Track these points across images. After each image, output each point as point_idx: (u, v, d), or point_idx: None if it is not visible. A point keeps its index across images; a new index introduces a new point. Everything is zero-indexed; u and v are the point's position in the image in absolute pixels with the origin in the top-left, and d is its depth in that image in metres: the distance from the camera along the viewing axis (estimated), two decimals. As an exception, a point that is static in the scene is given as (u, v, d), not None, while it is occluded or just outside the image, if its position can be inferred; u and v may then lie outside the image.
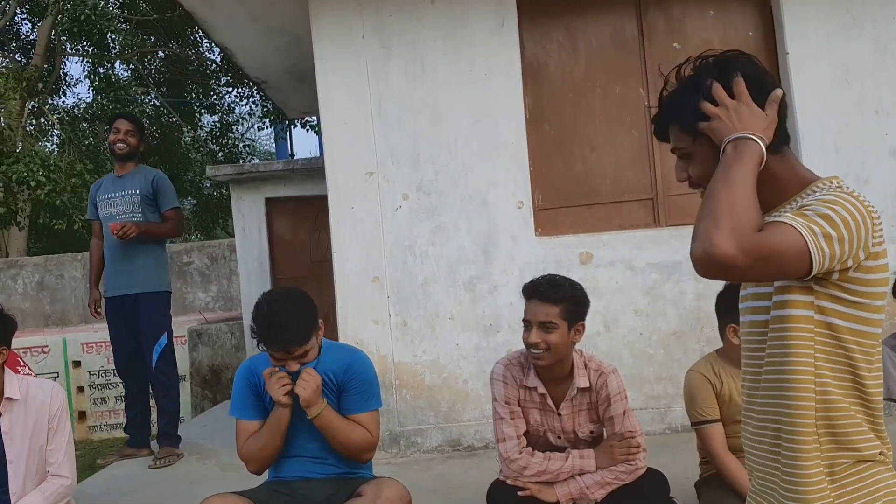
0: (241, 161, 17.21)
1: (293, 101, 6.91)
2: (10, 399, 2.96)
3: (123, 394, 4.89)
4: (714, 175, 1.36)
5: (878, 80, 4.35)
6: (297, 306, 2.63)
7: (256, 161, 18.58)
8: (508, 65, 4.38)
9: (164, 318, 4.67)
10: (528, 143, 4.40)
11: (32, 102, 13.29)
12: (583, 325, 2.76)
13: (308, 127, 15.57)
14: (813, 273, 1.27)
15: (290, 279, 8.26)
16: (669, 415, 4.31)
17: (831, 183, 1.39)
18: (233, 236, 15.26)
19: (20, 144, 12.42)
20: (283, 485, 2.88)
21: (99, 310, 4.75)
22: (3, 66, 14.22)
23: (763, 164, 1.37)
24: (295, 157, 14.47)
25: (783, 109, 1.43)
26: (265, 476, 2.95)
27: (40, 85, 13.72)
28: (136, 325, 4.60)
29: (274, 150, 20.92)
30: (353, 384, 2.77)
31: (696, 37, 4.51)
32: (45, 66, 14.76)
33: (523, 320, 2.78)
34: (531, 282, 2.79)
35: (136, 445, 4.75)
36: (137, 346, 4.64)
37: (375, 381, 2.84)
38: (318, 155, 16.22)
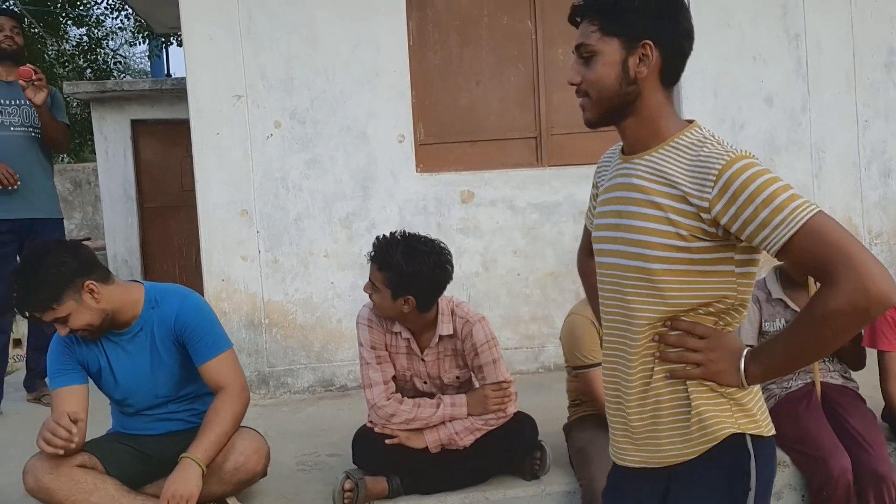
0: (112, 79, 15.90)
1: (159, 14, 6.28)
2: None
3: None
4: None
5: (758, 25, 4.38)
6: (38, 265, 2.36)
7: (127, 79, 17.26)
8: (392, -15, 4.09)
9: None
10: (411, 73, 4.16)
11: None
12: (412, 300, 2.52)
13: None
14: None
15: (159, 208, 7.74)
16: (543, 354, 4.33)
17: (701, 132, 1.42)
18: (100, 160, 14.18)
19: None
20: (128, 437, 2.66)
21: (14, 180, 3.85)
22: None
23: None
24: (170, 77, 13.47)
25: (683, 40, 1.42)
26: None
27: None
28: None
29: (149, 69, 19.50)
30: (189, 333, 2.51)
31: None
32: None
33: None
34: (382, 235, 2.60)
35: None
36: None
37: (214, 322, 2.58)
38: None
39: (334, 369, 4.20)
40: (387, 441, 2.64)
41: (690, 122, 1.45)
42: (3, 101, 3.99)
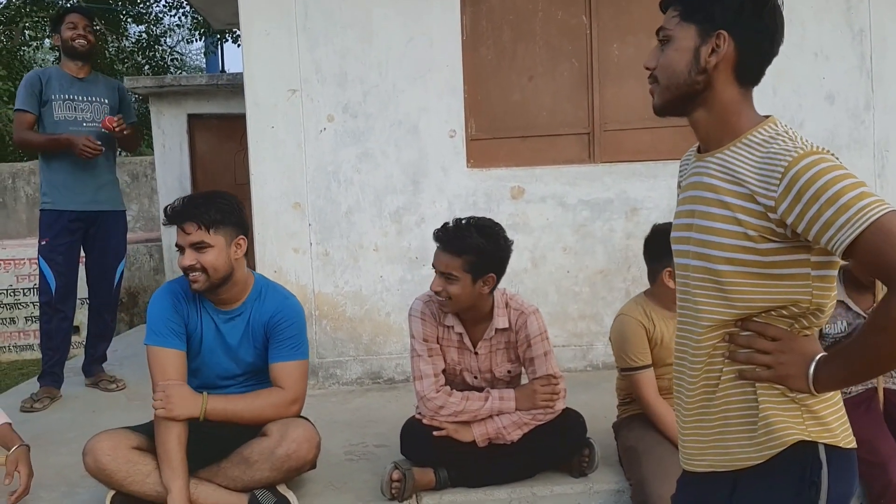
0: (170, 75, 16.32)
1: (217, 11, 6.41)
2: None
3: (48, 320, 4.15)
4: None
5: (820, 21, 4.26)
6: (215, 195, 2.56)
7: (184, 75, 17.67)
8: (446, -20, 4.10)
9: (125, 239, 4.39)
10: (464, 67, 4.16)
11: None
12: (492, 277, 2.58)
13: (239, 41, 14.80)
14: None
15: (213, 201, 7.91)
16: (591, 352, 4.30)
17: (776, 128, 1.37)
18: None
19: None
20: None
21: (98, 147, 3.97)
22: None
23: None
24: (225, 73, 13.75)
25: (763, 39, 1.38)
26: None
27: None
28: (101, 245, 4.24)
29: (204, 66, 19.95)
30: (279, 331, 2.59)
31: (643, -36, 4.30)
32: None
33: (432, 264, 2.63)
34: (442, 226, 2.61)
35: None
36: (88, 268, 4.32)
37: (303, 331, 2.66)
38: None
39: (382, 362, 4.23)
40: (435, 433, 2.66)
41: (767, 117, 1.40)
42: (75, 97, 4.12)
